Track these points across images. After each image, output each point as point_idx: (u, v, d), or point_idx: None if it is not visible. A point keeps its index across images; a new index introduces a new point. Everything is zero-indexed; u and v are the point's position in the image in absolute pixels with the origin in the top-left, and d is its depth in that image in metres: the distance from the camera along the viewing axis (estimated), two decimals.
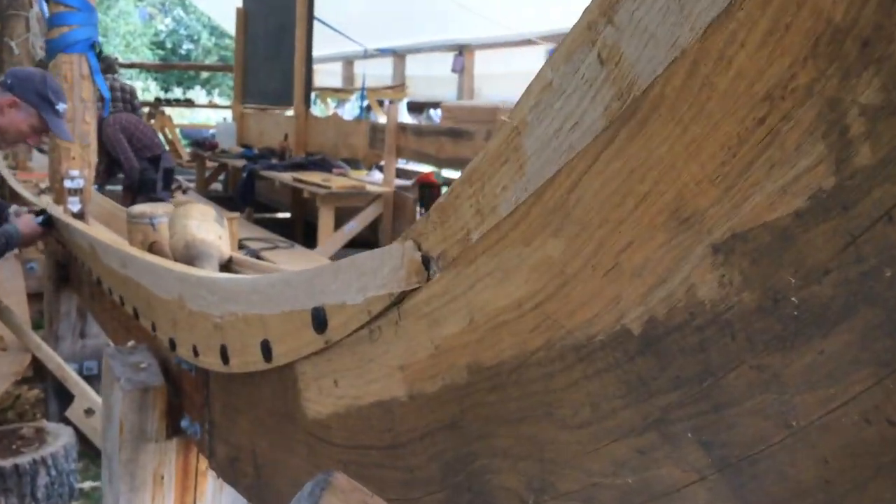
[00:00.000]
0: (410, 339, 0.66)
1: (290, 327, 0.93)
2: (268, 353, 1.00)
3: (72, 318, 3.42)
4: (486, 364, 0.54)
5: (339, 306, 0.80)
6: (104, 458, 1.63)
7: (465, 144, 5.53)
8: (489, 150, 0.57)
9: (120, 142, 6.15)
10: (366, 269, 0.77)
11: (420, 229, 0.69)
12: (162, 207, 1.82)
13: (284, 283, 0.94)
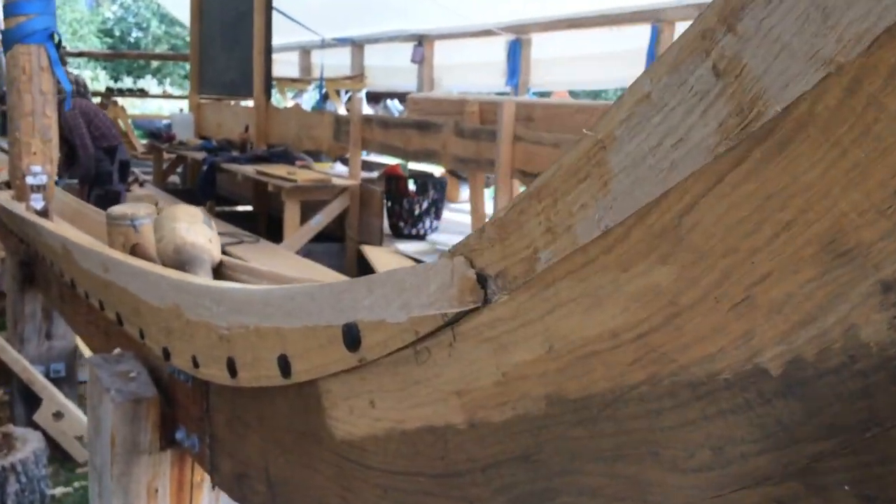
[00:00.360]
0: (470, 364, 0.64)
1: (314, 343, 0.89)
2: (286, 368, 0.96)
3: (37, 320, 3.31)
4: (571, 396, 0.52)
5: (376, 324, 0.77)
6: (92, 471, 1.57)
7: (432, 137, 5.50)
8: (563, 164, 0.55)
9: (79, 126, 5.91)
10: (407, 285, 0.74)
11: (472, 245, 0.66)
12: (143, 209, 1.76)
13: (307, 296, 0.90)
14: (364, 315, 0.79)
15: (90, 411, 1.57)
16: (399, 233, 6.73)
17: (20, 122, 3.29)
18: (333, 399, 0.89)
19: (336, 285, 0.85)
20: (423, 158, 5.94)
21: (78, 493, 3.08)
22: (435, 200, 6.77)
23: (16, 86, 3.27)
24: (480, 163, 5.03)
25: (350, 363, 0.82)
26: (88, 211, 3.41)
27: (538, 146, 4.45)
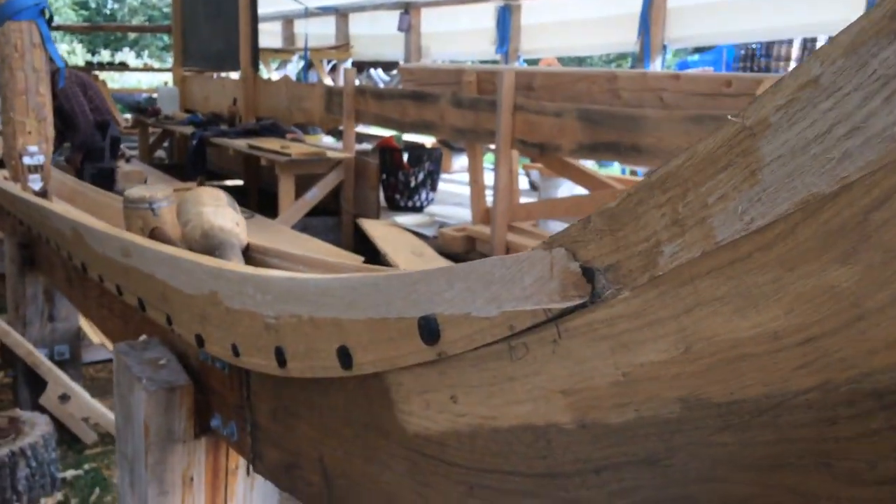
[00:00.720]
0: (580, 362, 0.61)
1: (382, 335, 0.86)
2: (347, 360, 0.93)
3: (39, 302, 3.25)
4: (716, 400, 0.50)
5: (461, 318, 0.74)
6: (122, 461, 1.54)
7: (429, 108, 5.43)
8: (698, 152, 0.52)
9: (77, 96, 5.75)
10: (495, 278, 0.71)
11: (575, 236, 0.63)
12: (161, 191, 1.71)
13: (371, 286, 0.87)
14: (444, 308, 0.76)
15: (118, 400, 1.53)
16: (395, 205, 6.68)
17: (14, 100, 3.20)
18: (405, 393, 0.86)
19: (407, 276, 0.82)
20: (420, 130, 5.88)
21: (89, 475, 3.06)
22: (430, 172, 6.71)
23: (8, 63, 3.18)
24: (479, 133, 4.98)
25: (427, 357, 0.79)
26: (87, 190, 3.34)
27: (539, 116, 4.40)
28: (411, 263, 4.69)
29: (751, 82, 3.46)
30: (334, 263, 1.28)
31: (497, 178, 4.79)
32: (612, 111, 3.96)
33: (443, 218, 6.21)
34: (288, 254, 1.43)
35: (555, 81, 4.51)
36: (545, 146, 4.41)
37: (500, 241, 4.83)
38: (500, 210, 4.80)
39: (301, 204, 6.19)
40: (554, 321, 0.63)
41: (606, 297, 0.59)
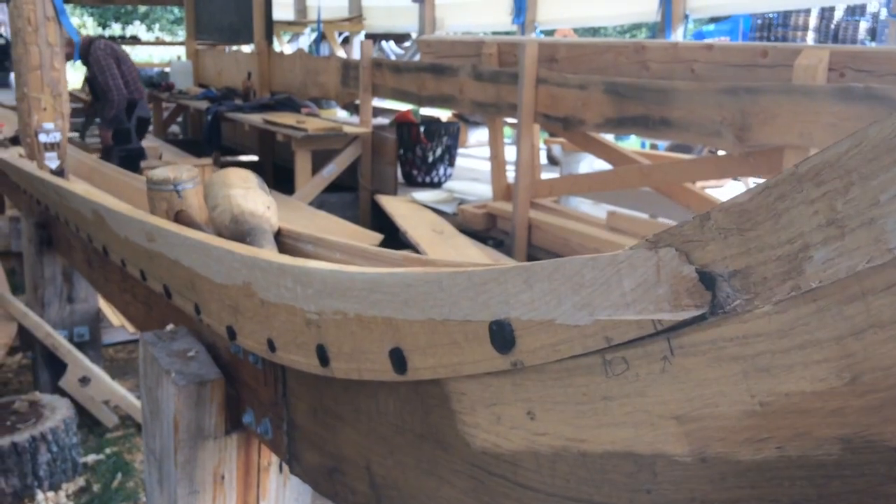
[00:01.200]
0: (700, 385, 0.52)
1: (444, 339, 0.78)
2: (400, 363, 0.85)
3: (57, 283, 3.19)
4: (892, 443, 0.41)
5: (542, 324, 0.65)
6: (149, 457, 1.48)
7: (448, 81, 5.30)
8: (869, 138, 0.42)
9: (111, 68, 5.62)
10: (586, 280, 0.62)
11: (687, 234, 0.54)
12: (186, 171, 1.62)
13: (432, 284, 0.78)
14: (521, 312, 0.68)
15: (145, 393, 1.46)
16: (412, 181, 6.58)
17: (28, 76, 3.12)
18: (469, 403, 0.77)
19: (475, 274, 0.73)
20: (438, 104, 5.75)
21: (110, 459, 3.02)
22: (448, 147, 6.60)
23: (21, 37, 3.09)
24: (500, 107, 4.86)
25: (499, 366, 0.71)
26: (106, 169, 3.26)
27: (563, 88, 4.27)
28: (432, 241, 4.61)
29: (789, 53, 3.32)
30: (375, 252, 1.20)
31: (519, 154, 4.68)
32: (641, 83, 3.83)
33: (461, 194, 6.11)
34: (323, 239, 1.35)
35: (579, 53, 4.38)
36: (569, 120, 4.29)
37: (523, 219, 4.73)
38: (523, 186, 4.70)
39: (318, 180, 6.11)
40: (664, 335, 0.55)
41: (735, 309, 0.50)
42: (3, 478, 2.67)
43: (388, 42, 15.24)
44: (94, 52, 5.61)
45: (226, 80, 9.05)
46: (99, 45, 5.76)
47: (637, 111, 3.81)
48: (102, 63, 5.58)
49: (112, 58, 5.70)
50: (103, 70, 5.60)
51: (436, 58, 5.69)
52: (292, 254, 1.46)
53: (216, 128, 7.35)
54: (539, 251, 4.76)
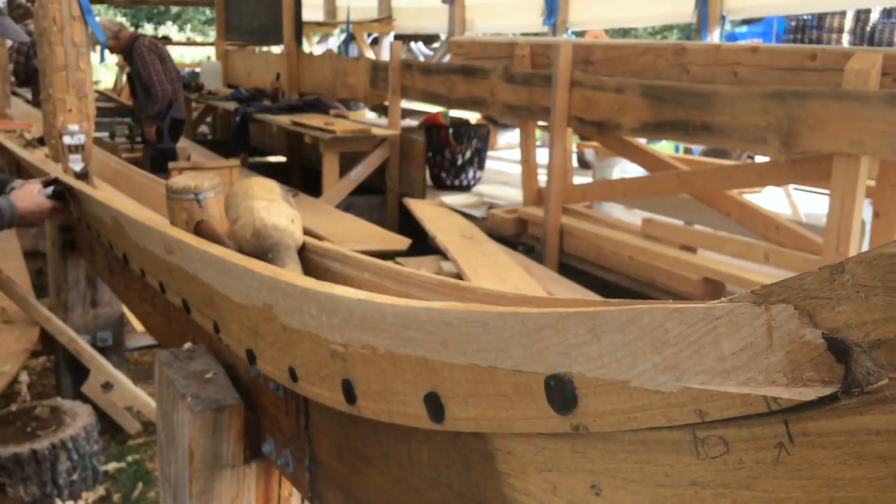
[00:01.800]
0: (832, 487, 0.41)
1: (490, 389, 0.67)
2: (437, 410, 0.75)
3: (81, 287, 3.14)
4: None
5: (613, 385, 0.54)
6: (165, 484, 1.39)
7: (479, 83, 5.20)
8: None
9: (154, 63, 5.60)
10: (670, 336, 0.51)
11: (811, 288, 0.43)
12: (208, 180, 1.53)
13: (476, 324, 0.68)
14: (586, 368, 0.57)
15: (161, 416, 1.38)
16: (441, 184, 6.48)
17: (53, 76, 3.06)
18: (518, 465, 0.67)
19: (529, 318, 0.62)
20: (468, 106, 5.65)
21: (131, 468, 2.95)
22: (478, 149, 6.50)
23: (46, 37, 3.04)
24: (533, 110, 4.74)
25: (556, 427, 0.60)
26: (130, 172, 3.20)
27: (598, 91, 4.15)
28: (460, 246, 4.50)
29: (839, 56, 3.16)
30: (408, 274, 1.10)
31: (551, 158, 4.56)
32: (681, 87, 3.69)
33: (491, 198, 6.00)
34: (351, 258, 1.25)
35: (616, 55, 4.24)
36: (604, 124, 4.16)
37: (554, 224, 4.61)
38: (555, 191, 4.58)
39: (345, 182, 6.03)
40: (781, 416, 0.44)
41: (881, 391, 0.39)
42: (22, 486, 2.61)
43: (416, 43, 15.18)
44: (139, 48, 5.62)
45: (255, 80, 9.03)
46: (143, 41, 5.78)
47: (676, 115, 3.68)
48: (146, 59, 5.58)
49: (155, 54, 5.71)
50: (147, 66, 5.60)
51: (466, 59, 5.59)
52: (317, 271, 1.36)
53: (244, 129, 7.31)
54: (571, 258, 4.64)
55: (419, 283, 1.07)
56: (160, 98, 5.76)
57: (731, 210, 4.00)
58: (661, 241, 4.13)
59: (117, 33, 5.71)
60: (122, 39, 5.72)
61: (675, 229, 4.21)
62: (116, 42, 5.69)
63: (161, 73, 5.75)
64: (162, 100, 5.77)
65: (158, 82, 5.73)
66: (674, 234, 4.13)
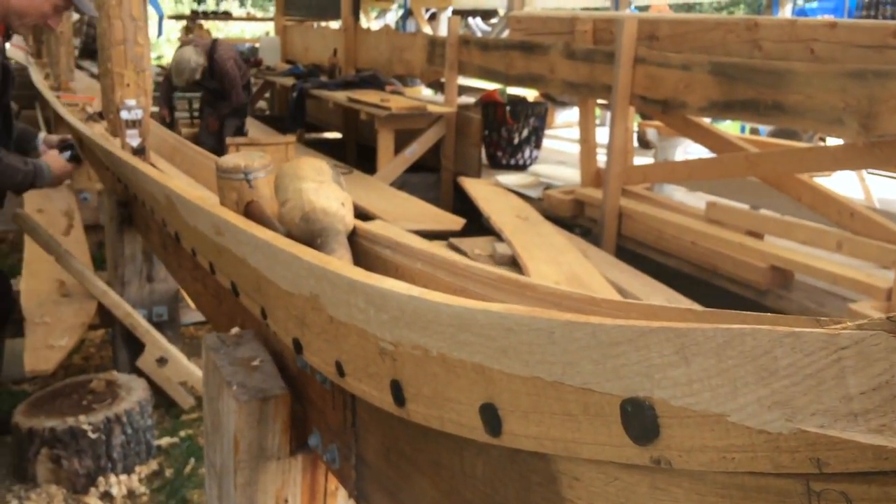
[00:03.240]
0: None
1: (555, 406, 0.60)
2: (494, 423, 0.67)
3: (137, 262, 3.16)
4: None
5: (704, 418, 0.46)
6: (211, 472, 1.36)
7: (538, 59, 5.06)
8: None
9: (234, 69, 5.92)
10: (780, 366, 0.43)
11: None
12: (258, 159, 1.48)
13: (541, 333, 0.60)
14: (670, 394, 0.49)
15: (207, 403, 1.34)
16: (497, 163, 6.38)
17: (111, 51, 3.06)
18: (586, 494, 0.59)
19: (602, 329, 0.54)
20: (527, 83, 5.52)
21: (184, 443, 2.98)
22: (535, 128, 6.37)
23: (105, 11, 3.04)
24: (594, 88, 4.59)
25: (631, 458, 0.53)
26: (187, 149, 3.20)
27: (664, 69, 3.98)
28: (516, 227, 4.41)
29: None
30: (463, 266, 1.02)
31: (612, 138, 4.42)
32: (753, 64, 3.51)
33: (547, 178, 5.87)
34: (404, 246, 1.18)
35: (683, 30, 4.06)
36: (669, 103, 3.99)
37: (613, 207, 4.48)
38: (614, 172, 4.44)
39: (400, 160, 5.98)
40: None
41: None
42: (76, 458, 2.65)
43: (475, 18, 14.98)
44: (220, 52, 5.80)
45: (312, 56, 9.03)
46: (224, 45, 6.02)
47: (747, 94, 3.50)
48: (227, 66, 5.86)
49: (234, 61, 5.96)
50: (227, 72, 5.88)
51: (526, 35, 5.45)
52: (367, 257, 1.30)
53: (301, 105, 7.32)
54: (629, 241, 4.50)
55: (476, 276, 1.00)
56: (234, 105, 6.06)
57: (802, 194, 3.81)
58: (725, 226, 3.96)
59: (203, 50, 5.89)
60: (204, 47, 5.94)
61: (741, 214, 4.04)
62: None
63: (238, 83, 6.03)
64: (235, 105, 6.07)
65: (236, 92, 6.01)
66: (740, 219, 3.95)
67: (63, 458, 2.64)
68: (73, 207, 4.44)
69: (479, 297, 0.97)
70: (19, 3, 2.32)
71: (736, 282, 3.75)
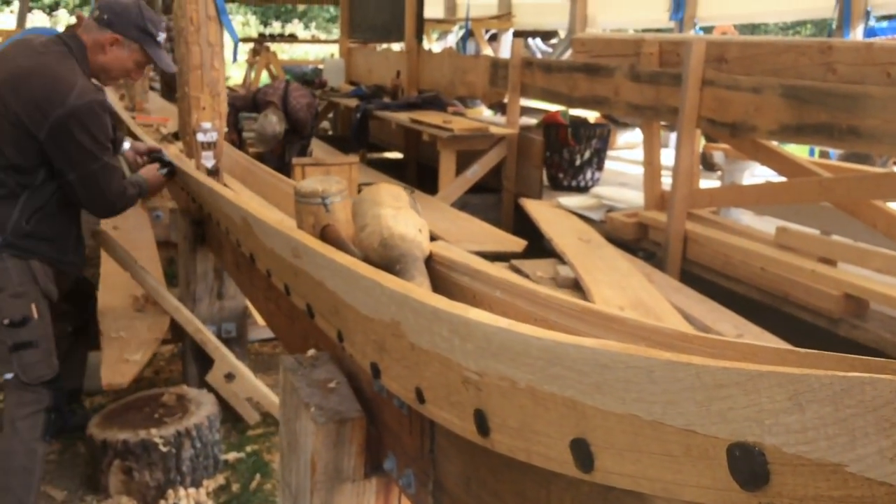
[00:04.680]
0: None
1: (653, 446, 0.59)
2: (586, 459, 0.67)
3: (209, 279, 3.25)
4: None
5: (820, 468, 0.45)
6: (286, 492, 1.38)
7: (602, 81, 5.04)
8: None
9: (307, 121, 5.97)
10: None
11: None
12: (335, 184, 1.52)
13: (640, 371, 0.60)
14: (782, 441, 0.48)
15: (284, 424, 1.37)
16: (558, 184, 6.35)
17: (188, 75, 3.18)
18: None
19: (707, 371, 0.54)
20: (590, 105, 5.50)
21: (250, 458, 3.03)
22: (597, 150, 6.32)
23: (183, 37, 3.16)
24: (659, 110, 4.54)
25: (737, 503, 0.52)
26: (259, 171, 3.28)
27: (733, 91, 3.92)
28: (578, 250, 4.38)
29: None
30: (545, 297, 1.02)
31: (678, 160, 4.36)
32: (827, 87, 3.42)
33: (609, 200, 5.81)
34: (482, 273, 1.19)
35: (753, 52, 3.99)
36: (738, 126, 3.92)
37: (678, 230, 4.41)
38: (680, 196, 4.37)
39: (461, 181, 6.01)
40: None
41: None
42: (147, 471, 2.73)
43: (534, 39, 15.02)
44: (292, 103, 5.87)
45: (375, 77, 9.17)
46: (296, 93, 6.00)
47: (820, 118, 3.41)
48: (301, 115, 5.85)
49: (308, 106, 5.95)
50: (300, 119, 5.89)
51: (590, 57, 5.43)
52: (445, 284, 1.31)
53: (364, 126, 7.43)
54: (694, 266, 4.42)
55: (557, 306, 1.00)
56: (302, 138, 6.10)
57: (878, 221, 3.68)
58: (796, 252, 3.86)
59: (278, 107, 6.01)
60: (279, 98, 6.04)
61: (813, 240, 3.93)
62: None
63: (311, 123, 6.10)
64: (303, 140, 6.13)
65: (307, 131, 6.09)
66: (812, 245, 3.85)
67: (135, 469, 2.72)
68: (146, 224, 4.59)
69: (562, 328, 0.97)
70: (105, 61, 2.52)
71: (807, 310, 3.64)
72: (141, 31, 2.52)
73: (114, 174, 2.49)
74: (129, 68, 2.57)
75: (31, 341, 2.38)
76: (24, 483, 2.35)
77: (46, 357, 2.43)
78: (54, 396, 2.44)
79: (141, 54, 2.56)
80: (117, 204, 2.57)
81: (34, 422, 2.38)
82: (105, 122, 2.41)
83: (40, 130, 2.31)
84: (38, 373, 2.39)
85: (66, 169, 2.38)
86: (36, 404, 2.39)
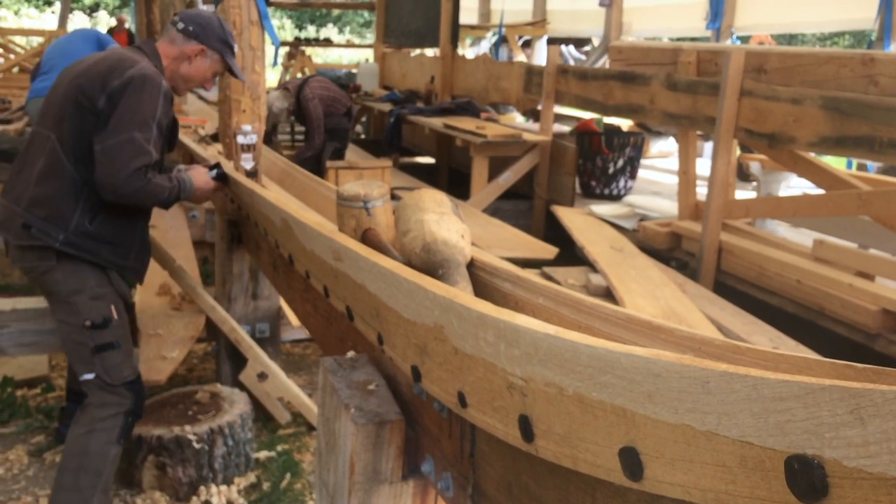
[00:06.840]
0: None
1: (706, 457, 0.60)
2: (635, 468, 0.68)
3: (244, 280, 3.29)
4: None
5: (882, 482, 0.45)
6: (323, 491, 1.40)
7: (638, 90, 5.02)
8: None
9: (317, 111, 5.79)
10: None
11: None
12: (377, 189, 1.53)
13: (694, 381, 0.60)
14: (843, 454, 0.48)
15: (322, 423, 1.39)
16: (590, 192, 6.34)
17: (230, 78, 3.22)
18: None
19: (764, 384, 0.54)
20: (625, 114, 5.47)
21: (281, 457, 3.06)
22: (631, 158, 6.29)
23: None
24: (695, 120, 4.51)
25: None
26: (296, 172, 3.32)
27: (771, 102, 3.88)
28: (610, 259, 4.36)
29: None
30: (589, 305, 1.03)
31: (714, 170, 4.32)
32: (868, 100, 3.38)
33: (642, 209, 5.79)
34: (525, 280, 1.19)
35: (793, 63, 3.95)
36: (776, 137, 3.88)
37: (712, 241, 4.37)
38: (715, 206, 4.33)
39: (493, 187, 6.02)
40: None
41: None
42: (181, 467, 2.76)
43: (567, 46, 14.99)
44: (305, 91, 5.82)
45: (409, 82, 9.22)
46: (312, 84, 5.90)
47: (861, 131, 3.37)
48: (310, 106, 5.74)
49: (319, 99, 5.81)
50: (309, 113, 5.79)
51: (626, 65, 5.41)
52: (487, 290, 1.32)
53: (398, 130, 7.47)
54: (728, 277, 4.38)
55: (603, 315, 1.00)
56: (315, 147, 5.89)
57: None
58: (833, 266, 3.80)
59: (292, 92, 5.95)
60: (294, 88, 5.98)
61: (850, 253, 3.87)
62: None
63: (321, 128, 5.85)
64: (316, 149, 5.89)
65: (318, 134, 5.86)
66: (849, 259, 3.79)
67: (168, 465, 2.76)
68: (183, 224, 4.65)
69: (607, 336, 0.98)
70: (188, 71, 2.55)
71: (844, 324, 3.59)
72: (223, 42, 2.57)
73: (138, 152, 2.26)
74: (208, 77, 2.61)
75: (112, 342, 2.36)
76: (92, 483, 2.32)
77: (127, 357, 2.42)
78: (135, 399, 2.41)
79: (220, 64, 2.60)
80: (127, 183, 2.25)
81: (113, 424, 2.36)
82: (155, 101, 2.30)
83: (98, 100, 2.26)
84: (121, 374, 2.37)
85: (99, 139, 2.25)
86: (117, 406, 2.37)
